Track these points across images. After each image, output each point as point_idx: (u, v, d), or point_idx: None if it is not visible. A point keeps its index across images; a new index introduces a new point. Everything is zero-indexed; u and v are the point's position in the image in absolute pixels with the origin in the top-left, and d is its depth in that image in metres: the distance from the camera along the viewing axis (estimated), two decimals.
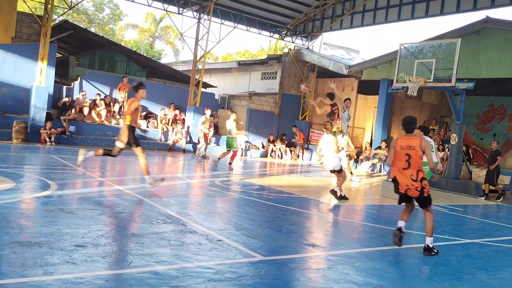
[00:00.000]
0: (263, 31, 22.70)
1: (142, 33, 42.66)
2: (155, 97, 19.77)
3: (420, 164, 5.59)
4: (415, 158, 5.57)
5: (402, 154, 5.64)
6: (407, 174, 5.62)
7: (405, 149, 5.63)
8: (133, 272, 3.99)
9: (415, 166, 5.57)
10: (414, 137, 5.73)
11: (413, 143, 5.60)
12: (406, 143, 5.66)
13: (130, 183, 9.10)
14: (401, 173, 5.68)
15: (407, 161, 5.60)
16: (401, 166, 5.65)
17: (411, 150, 5.59)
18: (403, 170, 5.64)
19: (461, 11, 17.05)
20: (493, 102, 20.04)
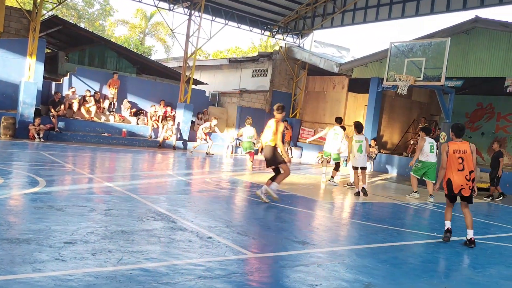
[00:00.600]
0: (254, 29, 22.69)
1: (132, 29, 42.40)
2: (145, 94, 19.68)
3: (472, 166, 6.25)
4: (467, 160, 6.24)
5: (456, 157, 6.27)
6: (462, 175, 6.23)
7: (458, 152, 6.27)
8: (122, 269, 3.97)
9: (469, 167, 6.23)
10: (464, 142, 6.41)
11: (464, 147, 6.30)
12: (458, 147, 6.32)
13: (120, 180, 9.06)
14: (456, 175, 6.27)
15: (461, 163, 6.23)
16: (456, 168, 6.25)
17: (464, 153, 6.26)
18: (458, 172, 6.24)
19: (451, 11, 17.21)
20: (481, 101, 20.27)
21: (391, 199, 10.58)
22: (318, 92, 21.89)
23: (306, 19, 22.66)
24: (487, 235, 7.49)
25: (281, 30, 23.11)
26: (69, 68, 19.64)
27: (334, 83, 21.10)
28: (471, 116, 20.58)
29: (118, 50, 22.11)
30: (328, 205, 8.98)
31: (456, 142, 6.42)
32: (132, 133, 18.01)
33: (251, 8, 21.30)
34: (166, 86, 20.75)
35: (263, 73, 22.99)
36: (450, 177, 6.32)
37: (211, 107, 21.80)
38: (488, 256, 6.12)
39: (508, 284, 4.90)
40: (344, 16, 21.17)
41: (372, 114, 18.31)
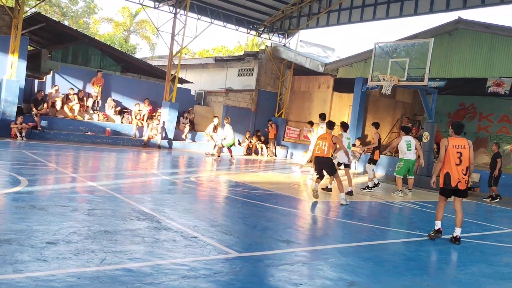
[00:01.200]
0: (240, 28, 22.66)
1: (117, 27, 41.99)
2: (130, 92, 19.51)
3: (468, 161, 6.59)
4: (465, 156, 6.55)
5: (454, 152, 6.56)
6: (459, 169, 6.54)
7: (457, 147, 6.56)
8: (105, 269, 3.94)
9: (465, 162, 6.55)
10: (463, 138, 6.71)
11: (463, 143, 6.61)
12: (457, 142, 6.60)
13: (103, 179, 8.97)
14: (454, 169, 6.55)
15: (459, 158, 6.53)
16: (454, 162, 6.54)
17: (462, 149, 6.56)
18: (456, 166, 6.54)
19: (434, 12, 17.41)
20: (464, 101, 20.54)
21: (375, 198, 10.67)
22: (304, 92, 21.96)
23: (292, 18, 22.71)
24: (468, 234, 7.60)
25: (267, 29, 23.13)
26: (52, 66, 19.37)
27: (319, 82, 21.19)
28: (453, 116, 20.85)
29: (102, 48, 21.88)
30: (313, 204, 9.02)
31: (455, 138, 6.71)
32: (116, 132, 17.84)
33: (237, 7, 21.27)
34: (151, 85, 20.61)
35: (249, 73, 22.98)
36: (449, 171, 6.59)
37: (197, 106, 21.71)
38: (469, 255, 6.22)
39: (489, 281, 4.99)
40: (329, 16, 21.27)
41: (356, 114, 18.44)
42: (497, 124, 19.33)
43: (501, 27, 14.05)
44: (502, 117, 19.25)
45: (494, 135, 19.06)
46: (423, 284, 4.60)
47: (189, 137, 19.67)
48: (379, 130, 12.76)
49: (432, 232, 6.76)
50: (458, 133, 6.78)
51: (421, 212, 9.52)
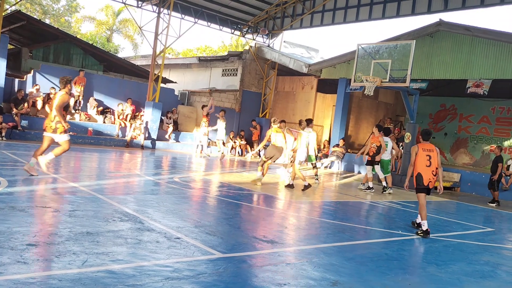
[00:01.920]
0: (224, 28, 22.63)
1: (99, 26, 41.49)
2: (112, 92, 19.32)
3: (436, 164, 7.31)
4: (434, 158, 7.28)
5: (424, 155, 7.30)
6: (429, 170, 7.25)
7: (427, 151, 7.32)
8: (87, 271, 3.89)
9: (434, 164, 7.28)
10: (430, 144, 7.50)
11: (431, 147, 7.39)
12: (426, 147, 7.38)
13: (85, 180, 8.86)
14: (425, 170, 7.27)
15: (429, 161, 7.26)
16: (425, 164, 7.27)
17: (431, 152, 7.32)
18: (427, 168, 7.26)
19: (416, 14, 17.64)
20: (445, 102, 20.86)
21: (358, 198, 10.76)
22: (288, 92, 22.04)
23: (276, 19, 22.77)
24: (449, 233, 7.73)
25: (251, 29, 23.14)
26: (33, 65, 19.05)
27: (303, 83, 21.29)
28: (434, 117, 21.16)
29: (85, 47, 21.62)
30: (297, 204, 9.05)
31: (424, 143, 7.49)
32: (99, 132, 17.64)
33: (221, 7, 21.23)
34: (134, 84, 20.44)
35: (233, 73, 22.97)
36: (421, 172, 7.29)
37: (180, 106, 21.60)
38: (450, 253, 6.31)
39: (469, 280, 5.08)
40: (313, 17, 21.39)
41: (340, 115, 18.58)
42: (477, 125, 19.69)
43: (481, 29, 14.31)
44: (482, 118, 19.60)
45: (474, 135, 19.42)
46: (405, 283, 4.65)
47: (173, 137, 19.56)
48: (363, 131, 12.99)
49: (420, 232, 7.06)
50: (426, 139, 7.55)
51: (403, 211, 9.64)
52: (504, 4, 15.59)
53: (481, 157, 19.10)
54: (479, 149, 19.19)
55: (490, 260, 6.06)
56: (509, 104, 18.94)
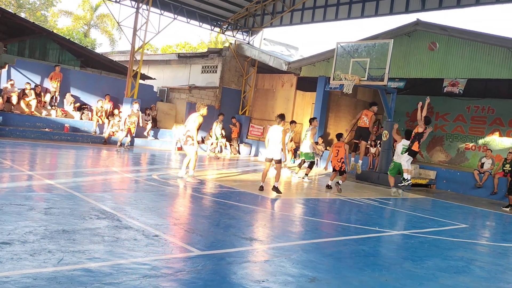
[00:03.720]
0: (204, 24, 22.51)
1: (76, 20, 40.76)
2: (90, 88, 19.02)
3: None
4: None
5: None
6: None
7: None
8: (63, 269, 3.83)
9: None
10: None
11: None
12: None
13: (62, 177, 8.71)
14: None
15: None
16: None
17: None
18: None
19: (394, 13, 17.88)
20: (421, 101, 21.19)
21: (336, 195, 10.86)
22: (267, 90, 22.08)
23: (256, 16, 22.76)
24: (425, 229, 7.87)
25: (231, 26, 23.07)
26: (7, 59, 18.59)
27: (283, 81, 21.35)
28: (411, 115, 21.47)
29: (61, 42, 21.19)
30: (276, 202, 9.09)
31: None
32: (76, 128, 17.34)
33: (200, 4, 21.10)
34: (112, 81, 20.16)
35: (213, 70, 22.87)
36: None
37: (159, 102, 21.40)
38: (426, 249, 6.43)
39: (444, 275, 5.18)
40: (293, 15, 21.45)
41: (319, 112, 18.70)
42: (453, 123, 20.09)
43: (457, 29, 14.59)
44: (457, 117, 20.00)
45: (449, 134, 19.80)
46: (381, 279, 4.72)
47: (152, 134, 19.38)
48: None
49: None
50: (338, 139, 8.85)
51: (380, 208, 9.77)
52: (479, 5, 15.92)
53: (456, 155, 19.49)
54: (454, 147, 19.58)
55: (464, 256, 6.20)
56: (483, 103, 19.38)
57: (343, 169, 11.29)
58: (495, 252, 6.84)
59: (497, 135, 18.85)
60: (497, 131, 18.95)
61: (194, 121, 10.16)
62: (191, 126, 10.14)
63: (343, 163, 11.22)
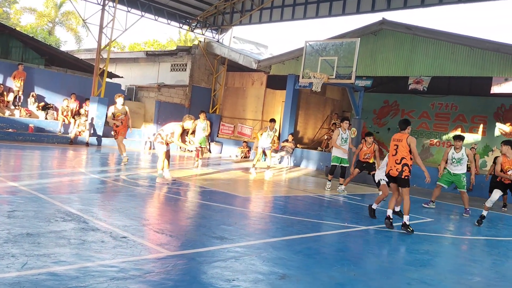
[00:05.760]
0: (172, 22, 22.27)
1: (40, 18, 39.59)
2: (55, 87, 18.56)
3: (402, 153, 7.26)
4: (401, 148, 7.31)
5: (392, 144, 7.48)
6: (393, 159, 7.35)
7: (395, 141, 7.47)
8: (27, 274, 3.73)
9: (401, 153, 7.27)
10: (404, 134, 7.48)
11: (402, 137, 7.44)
12: (397, 137, 7.51)
13: (26, 179, 8.46)
14: (390, 159, 7.47)
15: (395, 150, 7.35)
16: (391, 154, 7.43)
17: (399, 142, 7.37)
18: (392, 156, 7.38)
19: (361, 12, 18.17)
20: (388, 99, 21.68)
21: (306, 192, 10.97)
22: (238, 88, 22.06)
23: (225, 14, 22.69)
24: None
25: (200, 24, 22.92)
26: None
27: (253, 79, 21.38)
28: (378, 113, 21.94)
29: (25, 40, 20.55)
30: (247, 200, 9.10)
31: (398, 133, 7.56)
32: (41, 128, 16.88)
33: (168, 1, 20.85)
34: (78, 79, 19.71)
35: (182, 68, 22.68)
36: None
37: (128, 101, 21.01)
38: (392, 244, 6.58)
39: (410, 268, 5.31)
40: (262, 14, 21.50)
41: (289, 110, 18.83)
42: (418, 120, 20.61)
43: (421, 28, 14.95)
44: (422, 113, 20.55)
45: (415, 130, 20.30)
46: (350, 274, 4.80)
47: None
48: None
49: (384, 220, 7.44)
50: (403, 128, 7.54)
51: (349, 204, 9.93)
52: (442, 4, 16.36)
53: (421, 151, 19.99)
54: (419, 143, 20.09)
55: (430, 249, 6.37)
56: (447, 100, 19.97)
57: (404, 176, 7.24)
58: (459, 245, 7.06)
59: (460, 131, 19.45)
60: (460, 127, 19.57)
61: (173, 128, 9.92)
62: (167, 129, 9.93)
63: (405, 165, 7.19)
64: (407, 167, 7.16)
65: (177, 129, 9.75)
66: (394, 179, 7.37)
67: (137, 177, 10.49)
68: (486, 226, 9.08)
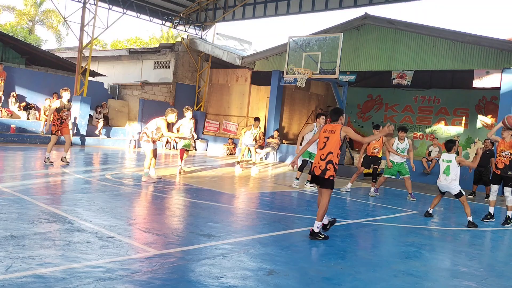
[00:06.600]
0: (155, 19, 22.10)
1: (20, 16, 38.87)
2: (36, 87, 18.29)
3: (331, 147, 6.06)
4: (331, 140, 6.07)
5: (323, 136, 6.20)
6: (319, 153, 6.14)
7: (327, 132, 6.19)
8: (12, 277, 3.67)
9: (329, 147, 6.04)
10: (337, 124, 6.23)
11: (335, 128, 6.15)
12: (329, 128, 6.23)
13: (8, 180, 8.33)
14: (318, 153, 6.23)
15: (324, 143, 6.12)
16: (319, 147, 6.22)
17: (331, 133, 6.11)
18: (319, 150, 6.17)
19: (344, 7, 18.27)
20: (371, 93, 21.85)
21: (292, 188, 11.00)
22: (222, 85, 22.00)
23: (208, 11, 22.58)
24: (377, 217, 8.13)
25: (183, 21, 22.77)
26: None
27: (237, 75, 21.34)
28: (362, 107, 22.10)
29: (4, 39, 20.18)
30: (233, 197, 9.10)
31: (330, 124, 6.39)
32: (22, 129, 16.62)
33: None
34: (60, 78, 19.44)
35: (166, 65, 22.52)
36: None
37: (111, 100, 20.87)
38: (378, 236, 6.65)
39: (396, 261, 5.38)
40: (245, 10, 21.45)
41: (274, 106, 18.85)
42: (401, 114, 20.83)
43: (403, 22, 15.08)
44: (405, 107, 20.76)
45: (398, 123, 20.50)
46: (337, 268, 4.84)
47: (103, 132, 18.89)
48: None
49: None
50: (334, 119, 6.35)
51: (335, 199, 10.00)
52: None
53: None
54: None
55: (415, 241, 6.46)
56: (429, 94, 20.20)
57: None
58: (444, 236, 7.16)
59: (442, 124, 19.72)
60: (442, 120, 19.82)
61: (156, 123, 9.85)
62: (151, 126, 9.88)
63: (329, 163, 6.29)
64: (331, 165, 5.95)
65: (161, 124, 9.70)
66: (317, 179, 6.13)
67: (122, 176, 10.41)
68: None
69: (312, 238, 5.84)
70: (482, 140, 13.18)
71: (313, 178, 6.27)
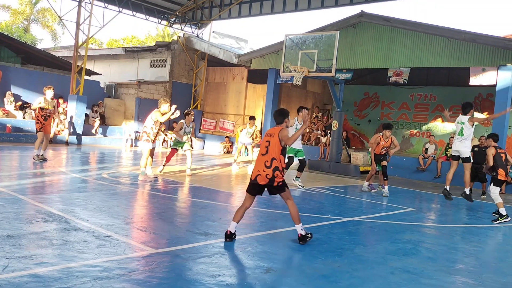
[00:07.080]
0: (150, 17, 22.03)
1: (15, 15, 38.68)
2: (32, 86, 18.21)
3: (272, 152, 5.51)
4: (272, 145, 5.53)
5: (264, 141, 5.63)
6: (262, 160, 5.54)
7: (268, 136, 5.63)
8: (9, 277, 3.67)
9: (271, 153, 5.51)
10: (278, 127, 5.68)
11: (274, 131, 5.60)
12: (270, 131, 5.68)
13: (5, 180, 8.30)
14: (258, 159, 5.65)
15: (266, 147, 5.55)
16: (260, 152, 5.64)
17: (271, 137, 5.56)
18: (262, 156, 5.56)
19: (340, 5, 18.25)
20: (368, 91, 21.86)
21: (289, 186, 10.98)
22: (219, 83, 21.97)
23: (204, 9, 22.53)
24: (374, 214, 8.15)
25: (179, 19, 22.71)
26: None
27: (233, 74, 21.32)
28: (359, 105, 22.11)
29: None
30: (230, 195, 9.10)
31: (273, 127, 5.79)
32: (18, 128, 16.56)
33: None
34: (56, 77, 19.37)
35: (162, 64, 22.47)
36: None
37: (107, 99, 20.81)
38: (376, 234, 6.67)
39: (393, 258, 5.39)
40: (241, 8, 21.41)
41: (270, 104, 18.80)
42: (398, 111, 20.85)
43: (399, 20, 15.08)
44: (402, 105, 20.78)
45: (395, 121, 20.54)
46: (334, 265, 4.85)
47: (100, 131, 18.84)
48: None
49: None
50: (279, 122, 5.76)
51: (332, 196, 10.02)
52: None
53: (402, 141, 20.24)
54: (400, 134, 20.33)
55: (412, 238, 6.48)
56: (425, 91, 20.23)
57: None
58: (440, 233, 7.19)
59: (439, 121, 19.76)
60: (439, 117, 19.85)
61: (152, 117, 9.95)
62: (148, 123, 9.93)
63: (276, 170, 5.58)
64: (278, 171, 5.46)
65: (156, 115, 9.93)
66: (261, 188, 5.61)
67: (119, 175, 10.39)
68: (466, 214, 9.28)
69: (303, 243, 5.56)
70: (477, 137, 13.20)
71: (254, 187, 5.61)
